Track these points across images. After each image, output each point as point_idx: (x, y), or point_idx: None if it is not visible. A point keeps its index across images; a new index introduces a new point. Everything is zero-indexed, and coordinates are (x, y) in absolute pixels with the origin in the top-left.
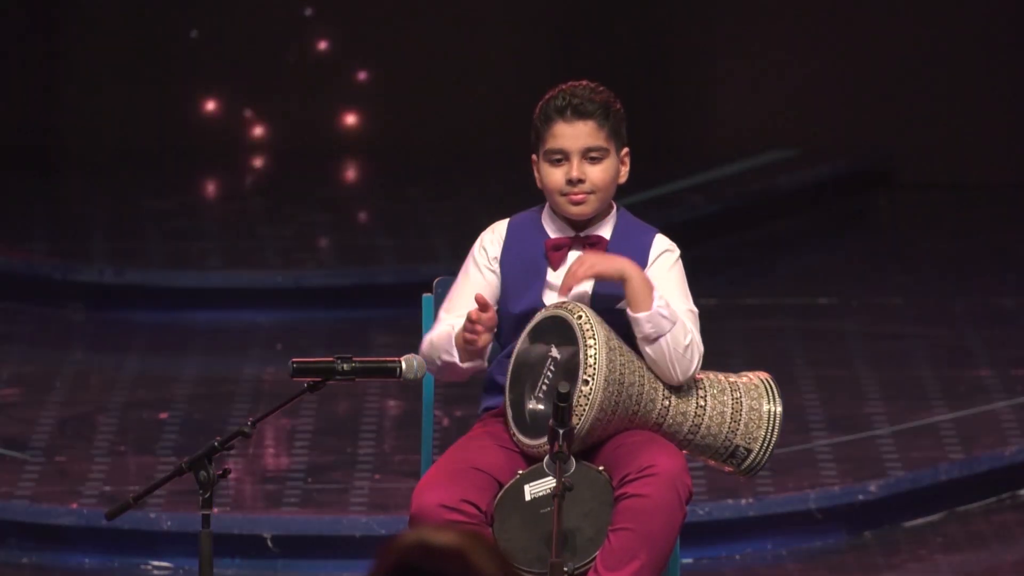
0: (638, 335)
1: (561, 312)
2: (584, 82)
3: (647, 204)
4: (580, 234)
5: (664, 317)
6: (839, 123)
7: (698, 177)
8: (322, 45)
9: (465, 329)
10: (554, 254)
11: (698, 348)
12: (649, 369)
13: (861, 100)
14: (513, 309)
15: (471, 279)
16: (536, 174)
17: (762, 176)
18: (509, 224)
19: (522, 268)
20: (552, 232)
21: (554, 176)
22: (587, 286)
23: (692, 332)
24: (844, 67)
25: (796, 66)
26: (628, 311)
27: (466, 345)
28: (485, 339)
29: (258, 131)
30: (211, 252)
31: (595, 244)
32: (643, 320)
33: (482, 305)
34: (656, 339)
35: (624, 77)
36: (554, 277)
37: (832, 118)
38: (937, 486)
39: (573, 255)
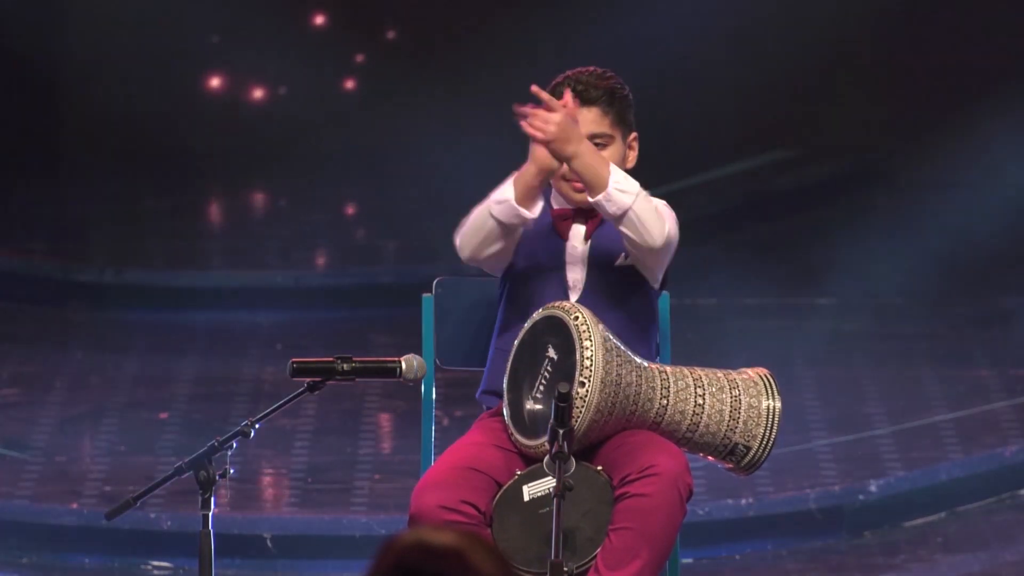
0: (605, 217)
1: (558, 312)
2: (591, 68)
3: None
4: (582, 206)
5: (622, 192)
6: (839, 123)
7: (698, 177)
8: (319, 18)
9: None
10: (561, 224)
11: (668, 212)
12: (646, 368)
13: (862, 100)
14: (527, 270)
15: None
16: None
17: (762, 176)
18: None
19: (533, 232)
20: (556, 203)
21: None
22: (575, 257)
23: (657, 202)
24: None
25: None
26: (588, 197)
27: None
28: (545, 154)
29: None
30: (211, 252)
31: (595, 217)
32: (603, 201)
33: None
34: (623, 216)
35: None
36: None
37: (832, 118)
38: (937, 486)
39: (577, 228)
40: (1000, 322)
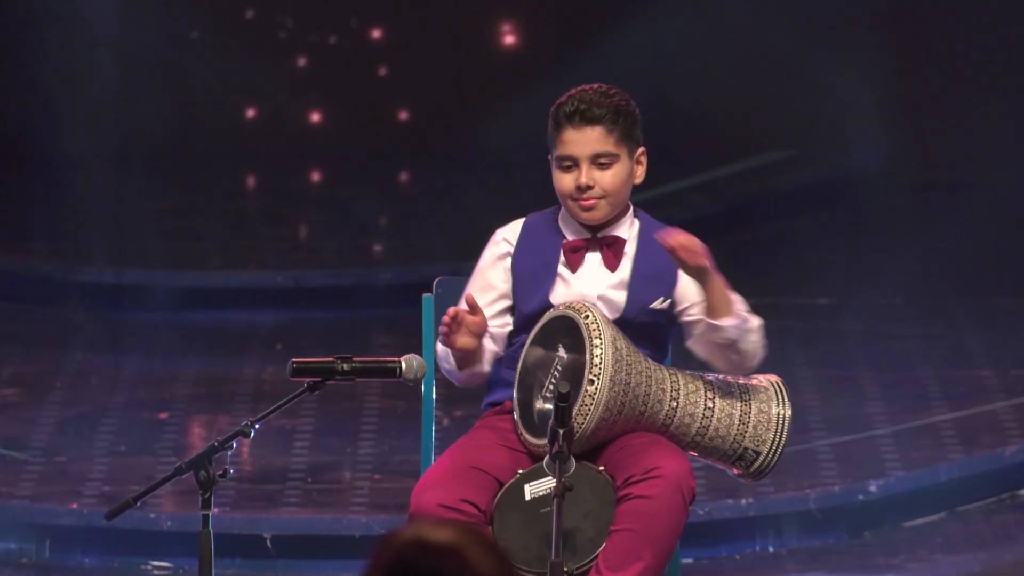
0: (720, 341)
1: (569, 312)
2: (596, 85)
3: (647, 204)
4: (597, 235)
5: (745, 321)
6: (842, 124)
7: (698, 177)
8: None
9: (441, 324)
10: (572, 256)
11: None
12: (656, 370)
13: (862, 100)
14: (524, 307)
15: (484, 277)
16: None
17: (762, 176)
18: (524, 223)
19: (534, 267)
20: (569, 234)
21: (564, 181)
22: (594, 290)
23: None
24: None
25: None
26: (708, 319)
27: (446, 345)
28: (463, 341)
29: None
30: (211, 252)
31: (612, 244)
32: (730, 327)
33: (472, 307)
34: (740, 341)
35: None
36: (571, 278)
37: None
38: (937, 486)
39: (591, 257)
40: (1000, 322)
